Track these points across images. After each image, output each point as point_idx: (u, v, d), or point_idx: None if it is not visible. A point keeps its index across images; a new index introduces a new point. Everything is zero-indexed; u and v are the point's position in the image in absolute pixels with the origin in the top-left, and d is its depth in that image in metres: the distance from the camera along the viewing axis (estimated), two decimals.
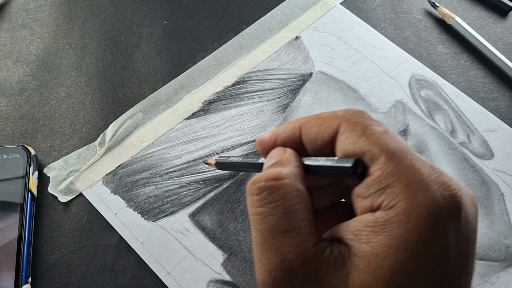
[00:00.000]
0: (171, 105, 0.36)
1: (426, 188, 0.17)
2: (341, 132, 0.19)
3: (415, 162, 0.17)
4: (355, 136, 0.18)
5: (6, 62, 0.37)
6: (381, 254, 0.16)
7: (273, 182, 0.19)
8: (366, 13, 0.43)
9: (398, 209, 0.17)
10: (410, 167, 0.17)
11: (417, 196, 0.16)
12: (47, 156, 0.33)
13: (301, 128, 0.21)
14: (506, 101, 0.39)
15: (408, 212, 0.16)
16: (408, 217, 0.16)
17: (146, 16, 0.41)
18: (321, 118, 0.20)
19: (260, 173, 0.20)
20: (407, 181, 0.17)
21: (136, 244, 0.30)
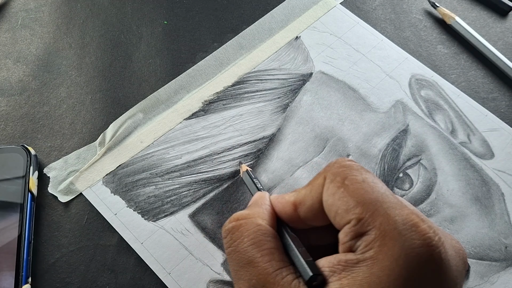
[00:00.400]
0: (171, 105, 0.36)
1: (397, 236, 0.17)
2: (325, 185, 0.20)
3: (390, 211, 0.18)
4: (334, 187, 0.20)
5: (6, 62, 0.37)
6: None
7: (234, 223, 0.22)
8: (366, 13, 0.43)
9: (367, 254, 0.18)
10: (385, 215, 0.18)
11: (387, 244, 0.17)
12: (47, 156, 0.33)
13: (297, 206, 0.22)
14: (506, 101, 0.39)
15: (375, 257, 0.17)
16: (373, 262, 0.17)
17: (146, 16, 0.41)
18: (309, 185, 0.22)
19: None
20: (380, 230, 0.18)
21: (136, 244, 0.30)
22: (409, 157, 0.35)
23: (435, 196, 0.34)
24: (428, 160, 0.35)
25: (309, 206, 0.21)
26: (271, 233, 0.21)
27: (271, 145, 0.35)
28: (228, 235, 0.22)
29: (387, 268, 0.17)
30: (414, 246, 0.17)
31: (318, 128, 0.36)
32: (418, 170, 0.35)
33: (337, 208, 0.19)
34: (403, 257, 0.17)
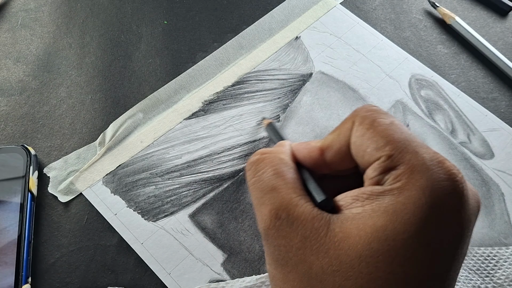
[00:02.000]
0: (171, 105, 0.36)
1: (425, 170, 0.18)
2: (354, 127, 0.21)
3: (418, 149, 0.19)
4: (363, 129, 0.21)
5: (6, 62, 0.37)
6: (368, 215, 0.19)
7: (259, 156, 0.23)
8: (366, 13, 0.43)
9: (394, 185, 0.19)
10: (413, 152, 0.19)
11: (415, 177, 0.18)
12: (47, 156, 0.33)
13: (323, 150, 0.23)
14: (506, 101, 0.39)
15: (401, 188, 0.18)
16: (400, 191, 0.18)
17: (146, 16, 0.41)
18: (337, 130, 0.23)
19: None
20: (409, 165, 0.19)
21: (136, 244, 0.30)
22: None
23: None
24: None
25: (336, 150, 0.22)
26: (293, 166, 0.23)
27: (271, 145, 0.35)
28: (253, 166, 0.23)
29: (413, 197, 0.18)
30: (440, 179, 0.18)
31: (318, 128, 0.36)
32: None
33: (366, 147, 0.20)
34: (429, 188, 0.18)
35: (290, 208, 0.20)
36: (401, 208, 0.18)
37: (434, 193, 0.18)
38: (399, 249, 0.18)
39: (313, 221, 0.20)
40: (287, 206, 0.20)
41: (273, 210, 0.20)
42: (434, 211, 0.18)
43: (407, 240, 0.18)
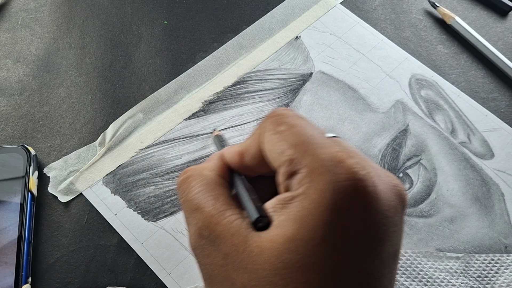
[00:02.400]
0: (171, 105, 0.36)
1: (324, 172, 0.18)
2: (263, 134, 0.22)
3: (317, 150, 0.19)
4: (270, 135, 0.21)
5: (6, 62, 0.37)
6: (279, 225, 0.19)
7: (183, 176, 0.24)
8: (366, 13, 0.43)
9: (299, 190, 0.19)
10: (313, 154, 0.19)
11: (316, 179, 0.18)
12: (47, 156, 0.33)
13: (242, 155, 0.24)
14: (506, 101, 0.39)
15: (305, 192, 0.19)
16: (304, 196, 0.19)
17: (146, 16, 0.41)
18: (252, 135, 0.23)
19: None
20: (310, 167, 0.19)
21: (136, 244, 0.30)
22: (409, 157, 0.35)
23: (435, 196, 0.34)
24: (428, 160, 0.35)
25: (252, 154, 0.23)
26: (216, 181, 0.23)
27: None
28: (180, 187, 0.23)
29: (315, 201, 0.18)
30: (340, 179, 0.18)
31: None
32: (418, 170, 0.35)
33: (272, 153, 0.21)
34: (329, 190, 0.18)
35: (211, 226, 0.21)
36: (306, 214, 0.18)
37: (335, 195, 0.18)
38: (310, 257, 0.18)
39: (232, 238, 0.20)
40: (208, 224, 0.21)
41: (197, 230, 0.21)
42: (337, 213, 0.18)
43: (316, 246, 0.18)
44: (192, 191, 0.22)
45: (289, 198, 0.19)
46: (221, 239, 0.20)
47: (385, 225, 0.19)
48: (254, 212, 0.20)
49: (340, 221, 0.18)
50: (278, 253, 0.18)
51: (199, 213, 0.21)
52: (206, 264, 0.21)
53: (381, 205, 0.19)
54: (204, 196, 0.22)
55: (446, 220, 0.33)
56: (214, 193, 0.22)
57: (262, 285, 0.18)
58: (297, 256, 0.18)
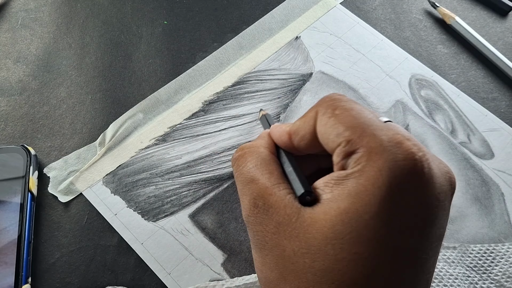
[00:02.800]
0: (171, 105, 0.36)
1: (382, 151, 0.19)
2: (318, 117, 0.22)
3: (376, 131, 0.20)
4: (326, 118, 0.22)
5: (6, 62, 0.37)
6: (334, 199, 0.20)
7: (240, 152, 0.25)
8: (366, 13, 0.43)
9: (355, 168, 0.20)
10: (371, 135, 0.20)
11: (373, 158, 0.19)
12: (47, 156, 0.33)
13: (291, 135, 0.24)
14: (506, 101, 0.39)
15: (362, 170, 0.19)
16: (361, 174, 0.19)
17: (146, 16, 0.41)
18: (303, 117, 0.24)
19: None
20: (367, 147, 0.19)
21: (136, 244, 0.30)
22: None
23: None
24: None
25: (301, 136, 0.24)
26: (271, 157, 0.24)
27: None
28: (236, 162, 0.25)
29: (372, 178, 0.19)
30: (398, 159, 0.19)
31: None
32: None
33: (329, 135, 0.21)
34: (386, 168, 0.19)
35: (266, 196, 0.22)
36: (361, 190, 0.19)
37: (392, 173, 0.18)
38: (361, 230, 0.18)
39: (285, 208, 0.21)
40: (263, 195, 0.22)
41: (252, 200, 0.22)
42: (393, 190, 0.18)
43: (369, 221, 0.18)
44: (248, 165, 0.24)
45: (344, 175, 0.20)
46: (275, 209, 0.21)
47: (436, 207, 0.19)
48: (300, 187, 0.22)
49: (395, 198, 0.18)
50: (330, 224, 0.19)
51: (254, 185, 0.23)
52: (258, 231, 0.22)
53: (435, 188, 0.19)
54: (259, 170, 0.23)
55: None
56: (268, 168, 0.23)
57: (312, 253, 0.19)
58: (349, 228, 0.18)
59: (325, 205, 0.20)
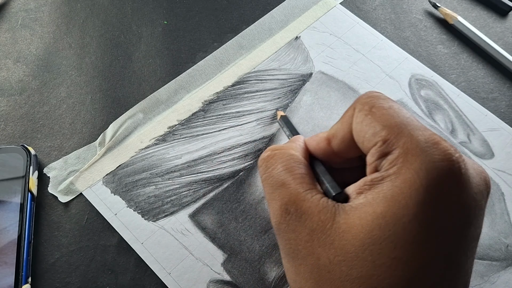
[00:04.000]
0: (171, 105, 0.36)
1: (419, 152, 0.19)
2: (354, 115, 0.22)
3: (414, 131, 0.19)
4: (362, 115, 0.21)
5: (6, 62, 0.37)
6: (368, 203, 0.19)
7: (270, 152, 0.24)
8: (366, 13, 0.43)
9: (390, 170, 0.19)
10: (408, 136, 0.19)
11: (409, 160, 0.19)
12: (47, 156, 0.33)
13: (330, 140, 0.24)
14: (506, 101, 0.39)
15: (398, 172, 0.19)
16: (397, 176, 0.19)
17: (146, 16, 0.41)
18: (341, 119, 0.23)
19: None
20: (404, 148, 0.19)
21: (136, 244, 0.30)
22: None
23: None
24: None
25: (341, 138, 0.23)
26: (303, 162, 0.23)
27: (271, 144, 0.35)
28: (264, 163, 0.24)
29: (409, 180, 0.18)
30: (435, 160, 0.18)
31: (318, 128, 0.36)
32: None
33: (365, 133, 0.21)
34: (424, 170, 0.18)
35: (298, 202, 0.21)
36: (398, 192, 0.18)
37: (430, 175, 0.18)
38: (399, 234, 0.18)
39: (319, 215, 0.20)
40: (295, 200, 0.21)
41: (283, 205, 0.21)
42: (431, 192, 0.18)
43: (407, 224, 0.18)
44: (278, 168, 0.23)
45: (379, 178, 0.19)
46: (308, 215, 0.20)
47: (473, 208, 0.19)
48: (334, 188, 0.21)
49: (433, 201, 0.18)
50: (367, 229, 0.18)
51: (284, 189, 0.22)
52: (290, 239, 0.21)
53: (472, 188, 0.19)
54: (290, 173, 0.22)
55: None
56: (300, 172, 0.22)
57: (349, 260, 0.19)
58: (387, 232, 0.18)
59: (360, 210, 0.19)
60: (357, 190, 0.20)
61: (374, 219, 0.18)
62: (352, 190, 0.21)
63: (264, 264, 0.30)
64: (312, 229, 0.20)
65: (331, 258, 0.19)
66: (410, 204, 0.18)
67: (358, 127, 0.21)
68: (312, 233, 0.20)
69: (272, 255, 0.31)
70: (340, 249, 0.19)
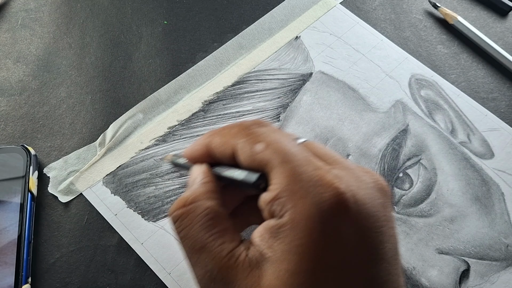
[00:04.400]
0: (171, 105, 0.36)
1: (305, 195, 0.18)
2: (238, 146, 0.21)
3: (296, 169, 0.19)
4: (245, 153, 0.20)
5: (6, 62, 0.37)
6: (279, 259, 0.18)
7: (182, 210, 0.21)
8: (366, 13, 0.43)
9: (285, 219, 0.18)
10: (291, 176, 0.19)
11: (298, 205, 0.18)
12: (47, 156, 0.33)
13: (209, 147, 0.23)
14: (506, 101, 0.39)
15: (292, 220, 0.18)
16: (293, 225, 0.18)
17: (146, 16, 0.41)
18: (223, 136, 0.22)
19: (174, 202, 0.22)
20: (289, 191, 0.18)
21: (136, 244, 0.30)
22: (409, 157, 0.35)
23: (435, 196, 0.34)
24: (428, 160, 0.35)
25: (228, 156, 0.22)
26: (220, 213, 0.22)
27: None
28: (177, 221, 0.22)
29: (307, 228, 0.18)
30: (324, 199, 0.18)
31: (318, 128, 0.36)
32: (418, 170, 0.35)
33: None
34: (317, 213, 0.18)
35: (223, 270, 0.20)
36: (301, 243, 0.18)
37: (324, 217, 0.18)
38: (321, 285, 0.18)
39: (246, 281, 0.19)
40: (221, 268, 0.20)
41: (207, 273, 0.20)
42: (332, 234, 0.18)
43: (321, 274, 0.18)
44: (195, 228, 0.21)
45: (277, 226, 0.19)
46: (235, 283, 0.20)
47: (380, 226, 0.19)
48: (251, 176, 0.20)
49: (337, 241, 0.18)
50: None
51: (206, 254, 0.20)
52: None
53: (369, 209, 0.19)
54: (210, 233, 0.21)
55: (446, 220, 0.33)
56: (220, 228, 0.21)
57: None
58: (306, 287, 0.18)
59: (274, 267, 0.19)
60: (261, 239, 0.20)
61: (290, 277, 0.18)
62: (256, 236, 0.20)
63: None
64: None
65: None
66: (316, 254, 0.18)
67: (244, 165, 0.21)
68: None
69: None
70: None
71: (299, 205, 0.18)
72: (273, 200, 0.19)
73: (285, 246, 0.18)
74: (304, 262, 0.18)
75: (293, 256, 0.18)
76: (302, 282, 0.18)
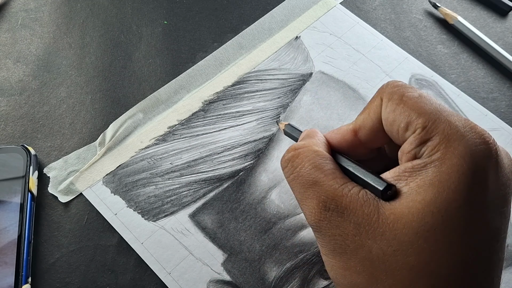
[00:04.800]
0: (171, 105, 0.36)
1: (460, 137, 0.19)
2: (383, 104, 0.22)
3: (450, 117, 0.20)
4: (393, 104, 0.21)
5: (6, 62, 0.37)
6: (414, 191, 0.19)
7: (292, 153, 0.23)
8: (366, 13, 0.43)
9: (434, 157, 0.19)
10: (446, 122, 0.20)
11: (452, 145, 0.19)
12: (47, 156, 0.33)
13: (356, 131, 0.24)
14: (506, 101, 0.39)
15: (442, 158, 0.19)
16: (441, 162, 0.19)
17: (146, 16, 0.41)
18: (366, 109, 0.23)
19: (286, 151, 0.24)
20: (444, 134, 0.19)
21: (136, 244, 0.30)
22: None
23: None
24: None
25: (369, 128, 0.23)
26: (329, 157, 0.23)
27: (271, 144, 0.35)
28: (289, 163, 0.23)
29: (456, 165, 0.19)
30: (477, 143, 0.19)
31: (318, 128, 0.36)
32: None
33: (399, 122, 0.21)
34: (468, 154, 0.19)
35: (337, 198, 0.21)
36: (446, 178, 0.19)
37: (474, 159, 0.19)
38: (453, 218, 0.18)
39: (362, 208, 0.20)
40: (333, 197, 0.21)
41: (321, 203, 0.21)
42: (477, 175, 0.19)
43: (459, 208, 0.18)
44: (306, 166, 0.22)
45: (422, 165, 0.20)
46: (350, 210, 0.20)
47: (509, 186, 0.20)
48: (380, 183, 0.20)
49: (479, 183, 0.19)
50: (419, 217, 0.19)
51: (318, 187, 0.21)
52: (335, 235, 0.21)
53: (506, 168, 0.20)
54: (320, 170, 0.22)
55: None
56: (329, 168, 0.22)
57: (404, 249, 0.19)
58: (440, 218, 0.18)
59: (406, 198, 0.19)
60: (396, 178, 0.20)
61: (425, 206, 0.19)
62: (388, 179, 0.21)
63: (264, 264, 0.30)
64: (357, 223, 0.20)
65: (384, 249, 0.19)
66: (460, 188, 0.18)
67: (391, 117, 0.21)
68: (359, 227, 0.20)
69: (272, 255, 0.31)
70: (393, 239, 0.19)
71: (452, 146, 0.19)
72: (425, 141, 0.20)
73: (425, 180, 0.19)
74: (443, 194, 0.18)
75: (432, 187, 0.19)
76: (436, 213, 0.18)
